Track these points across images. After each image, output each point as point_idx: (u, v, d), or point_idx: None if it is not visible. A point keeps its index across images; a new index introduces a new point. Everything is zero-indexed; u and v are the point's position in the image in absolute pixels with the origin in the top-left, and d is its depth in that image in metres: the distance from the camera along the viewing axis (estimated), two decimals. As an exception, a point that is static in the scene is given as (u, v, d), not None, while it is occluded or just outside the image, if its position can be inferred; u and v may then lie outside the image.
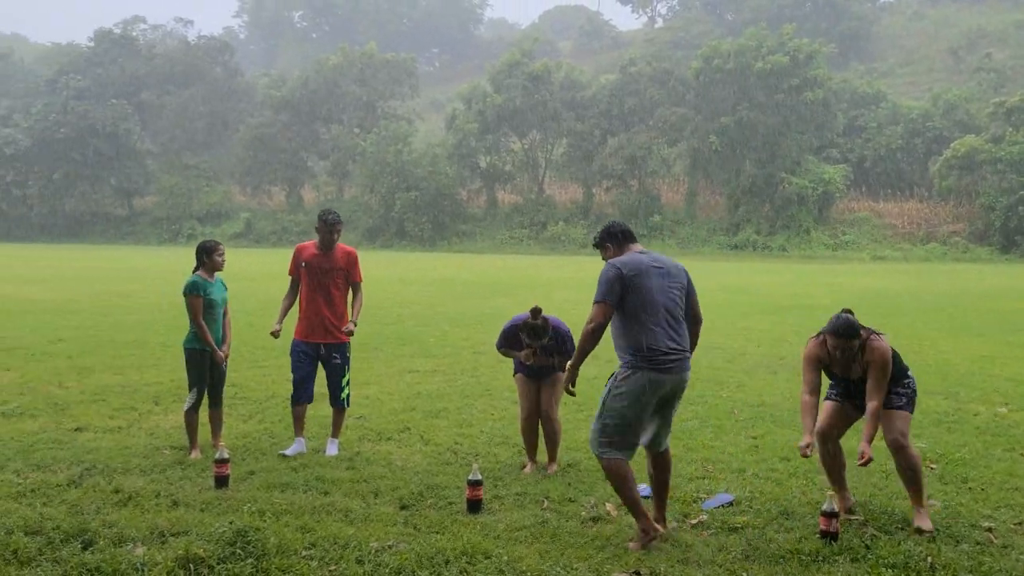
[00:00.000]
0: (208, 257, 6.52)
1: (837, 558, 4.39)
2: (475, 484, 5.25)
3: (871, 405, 4.96)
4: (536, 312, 5.94)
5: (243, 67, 71.09)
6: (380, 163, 52.74)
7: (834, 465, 5.29)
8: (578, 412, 7.98)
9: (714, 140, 47.54)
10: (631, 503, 4.67)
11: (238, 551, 4.23)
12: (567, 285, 22.48)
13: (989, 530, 4.85)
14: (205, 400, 6.59)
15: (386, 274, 28.87)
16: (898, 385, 5.13)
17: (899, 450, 4.99)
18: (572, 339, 6.05)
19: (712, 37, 61.52)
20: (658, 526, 4.74)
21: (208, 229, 54.95)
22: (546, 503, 5.34)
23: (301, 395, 6.63)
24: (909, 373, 5.28)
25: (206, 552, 4.18)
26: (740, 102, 47.79)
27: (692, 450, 6.73)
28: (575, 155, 52.79)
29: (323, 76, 60.85)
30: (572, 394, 4.92)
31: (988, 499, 5.45)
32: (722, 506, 5.33)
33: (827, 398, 5.39)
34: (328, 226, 6.58)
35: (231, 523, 4.56)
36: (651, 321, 4.66)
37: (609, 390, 4.71)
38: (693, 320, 4.99)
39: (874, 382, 4.97)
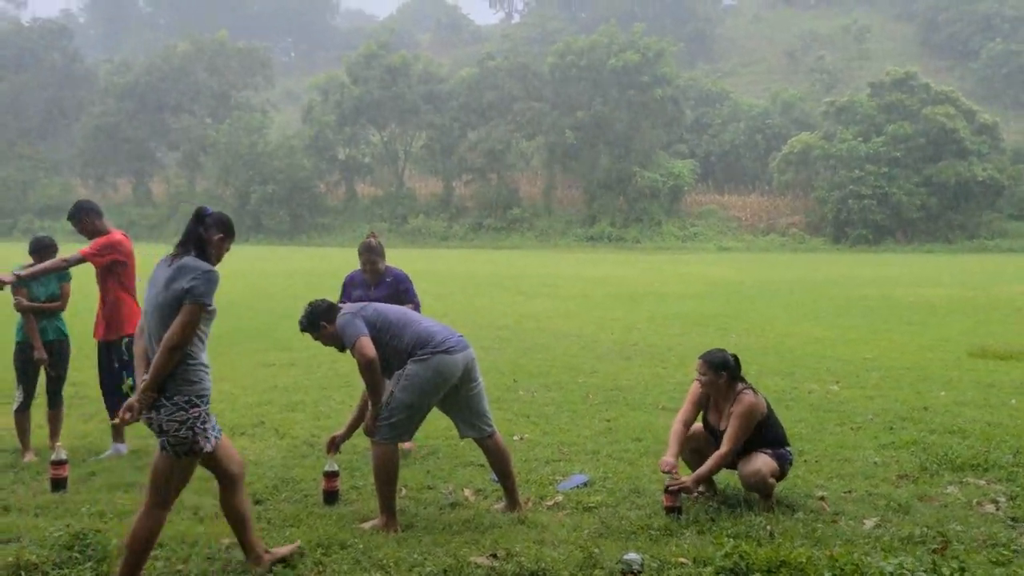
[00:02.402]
0: (37, 256, 6.11)
1: (684, 531, 4.57)
2: (331, 475, 5.18)
3: (719, 451, 4.98)
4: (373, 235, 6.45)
5: (83, 53, 67.08)
6: (234, 155, 51.05)
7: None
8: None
9: (570, 135, 48.54)
10: (391, 490, 4.68)
11: (76, 555, 4.01)
12: (426, 277, 22.40)
13: (822, 499, 5.16)
14: (44, 401, 6.21)
15: (242, 268, 28.00)
16: (771, 447, 5.07)
17: (753, 486, 4.97)
18: (411, 282, 6.48)
19: (567, 34, 62.72)
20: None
21: (47, 223, 51.58)
22: (404, 491, 5.32)
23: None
24: (788, 447, 5.19)
25: (39, 558, 3.95)
26: (594, 97, 48.96)
27: (548, 434, 6.86)
28: (435, 148, 52.72)
29: (171, 64, 58.28)
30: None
31: (821, 470, 5.80)
32: (577, 487, 5.45)
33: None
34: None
35: (68, 526, 4.33)
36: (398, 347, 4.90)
37: (397, 381, 4.78)
38: None
39: (731, 429, 4.98)
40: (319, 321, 4.84)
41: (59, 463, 5.33)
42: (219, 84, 58.58)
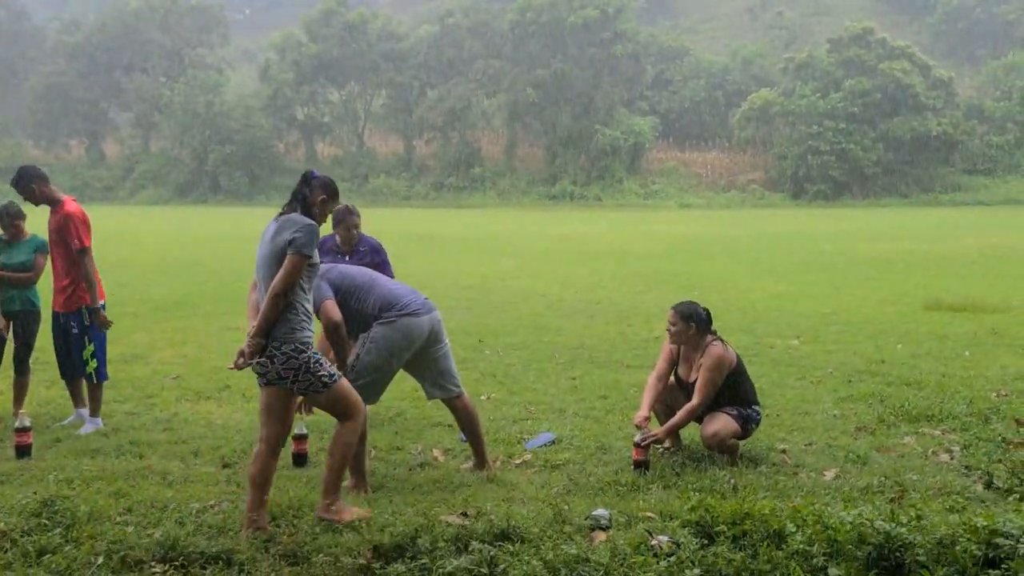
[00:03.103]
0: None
1: (651, 486, 4.66)
2: (300, 438, 5.18)
3: (689, 403, 5.06)
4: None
5: (30, 10, 65.00)
6: (190, 115, 50.07)
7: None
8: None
9: (531, 92, 48.23)
10: (359, 454, 4.70)
11: (44, 521, 3.99)
12: (388, 237, 22.32)
13: (783, 452, 5.28)
14: (9, 368, 6.12)
15: (201, 231, 27.63)
16: (739, 406, 5.13)
17: (713, 447, 5.07)
18: (386, 253, 6.25)
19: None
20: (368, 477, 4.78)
21: (-4, 186, 50.46)
22: (373, 452, 5.35)
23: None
24: (757, 406, 5.25)
25: (7, 525, 3.92)
26: (555, 55, 48.62)
27: (515, 393, 6.91)
28: (395, 107, 52.15)
29: (122, 22, 56.76)
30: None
31: (783, 424, 5.92)
32: (544, 445, 5.52)
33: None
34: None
35: (35, 493, 4.29)
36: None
37: (363, 344, 4.77)
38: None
39: (701, 381, 5.04)
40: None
41: (23, 430, 5.28)
42: (172, 42, 57.24)
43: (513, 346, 8.90)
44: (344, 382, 4.20)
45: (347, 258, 6.07)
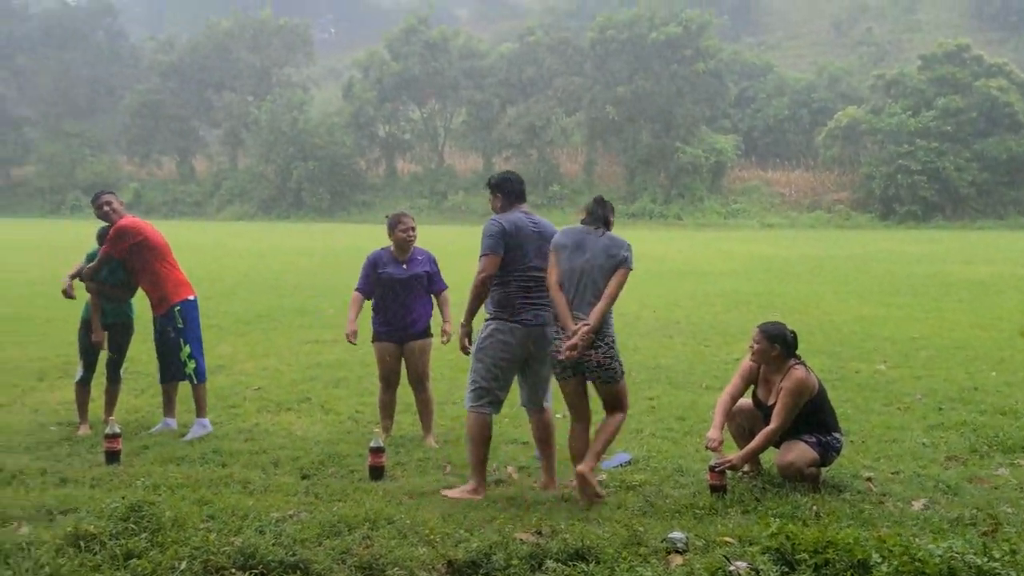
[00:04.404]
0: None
1: (729, 510, 4.56)
2: (377, 451, 5.24)
3: (767, 427, 4.95)
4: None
5: (128, 30, 67.83)
6: (275, 132, 51.37)
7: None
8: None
9: (611, 110, 48.09)
10: (478, 458, 4.95)
11: (131, 526, 4.10)
12: (467, 255, 22.50)
13: (869, 480, 5.11)
14: (102, 376, 6.37)
15: (283, 245, 28.30)
16: (819, 433, 5.00)
17: (790, 476, 4.94)
18: (438, 264, 6.42)
19: (608, 8, 62.00)
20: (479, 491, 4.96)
21: (93, 200, 52.62)
22: (449, 468, 5.37)
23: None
24: (838, 434, 5.12)
25: (97, 528, 4.05)
26: (636, 72, 48.40)
27: (592, 412, 6.84)
28: (474, 124, 52.57)
29: (214, 42, 58.69)
30: (467, 352, 5.06)
31: (868, 451, 5.74)
32: (621, 465, 5.46)
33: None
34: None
35: (123, 498, 4.42)
36: (518, 279, 4.93)
37: (479, 347, 4.94)
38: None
39: (780, 406, 4.93)
40: (497, 191, 5.28)
41: (113, 436, 5.46)
42: (261, 61, 58.92)
43: (589, 364, 8.83)
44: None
45: (404, 266, 6.15)
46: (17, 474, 5.12)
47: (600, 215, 4.96)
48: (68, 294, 6.17)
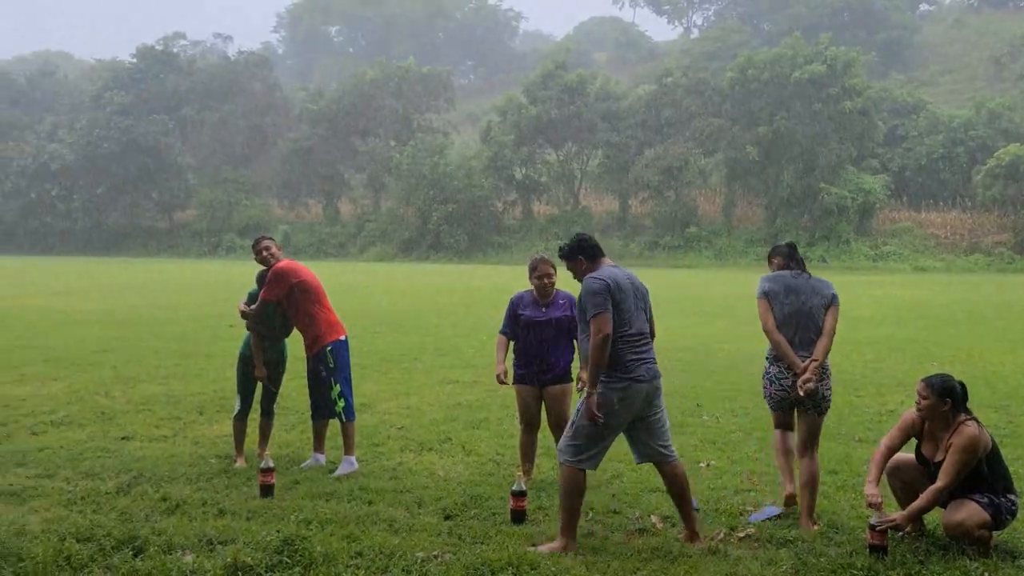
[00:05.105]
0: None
1: (890, 573, 4.30)
2: (519, 495, 5.22)
3: (934, 486, 4.66)
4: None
5: (281, 81, 71.86)
6: (416, 176, 53.01)
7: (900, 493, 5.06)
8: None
9: (751, 150, 47.16)
10: (571, 513, 4.77)
11: (285, 559, 4.25)
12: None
13: (1047, 546, 4.72)
14: (256, 411, 6.67)
15: (423, 285, 28.99)
16: (991, 493, 4.68)
17: (958, 537, 4.64)
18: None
19: (748, 48, 61.13)
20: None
21: (247, 242, 55.59)
22: (591, 515, 5.30)
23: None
24: (1013, 495, 4.75)
25: (254, 560, 4.21)
26: (777, 112, 47.39)
27: (736, 462, 6.65)
28: (611, 166, 52.64)
29: (360, 90, 61.35)
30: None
31: (1044, 514, 5.29)
32: (769, 519, 5.25)
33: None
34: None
35: (278, 531, 4.58)
36: (624, 334, 4.79)
37: (582, 402, 4.80)
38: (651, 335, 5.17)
39: (949, 463, 4.63)
40: (577, 255, 5.08)
41: (267, 471, 5.67)
42: (403, 108, 61.08)
43: (732, 412, 8.59)
44: None
45: (545, 310, 6.13)
46: (181, 503, 5.38)
47: (800, 260, 5.47)
48: (245, 315, 6.51)
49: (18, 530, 4.82)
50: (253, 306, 6.45)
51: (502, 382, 6.25)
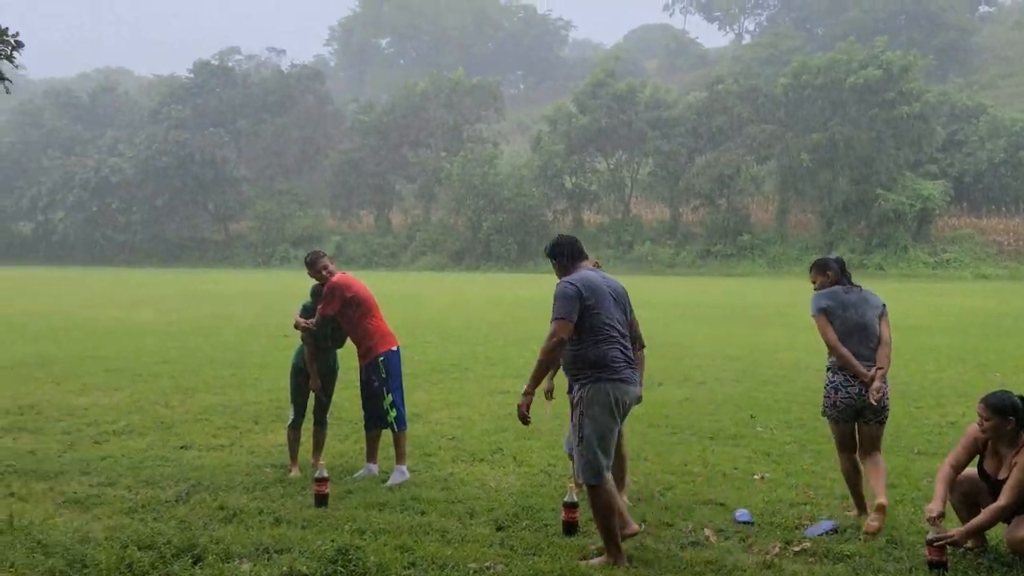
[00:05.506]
0: (316, 299, 6.72)
1: (951, 590, 4.21)
2: (571, 506, 5.22)
3: (996, 503, 4.57)
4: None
5: (333, 94, 72.91)
6: (466, 186, 53.30)
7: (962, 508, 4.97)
8: (671, 435, 7.89)
9: (805, 157, 46.51)
10: (610, 531, 4.68)
11: (340, 568, 4.30)
12: (654, 306, 22.25)
13: (1116, 564, 4.57)
14: (310, 420, 6.77)
15: (473, 295, 29.10)
16: None
17: (1021, 553, 4.54)
18: None
19: (801, 53, 60.35)
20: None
21: (300, 253, 56.39)
22: (643, 527, 5.26)
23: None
24: None
25: (309, 569, 4.27)
26: (832, 118, 46.70)
27: (791, 475, 6.55)
28: (661, 174, 52.35)
29: (411, 101, 61.96)
30: (526, 422, 4.87)
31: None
32: (825, 533, 5.17)
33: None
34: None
35: (332, 541, 4.64)
36: (608, 336, 4.79)
37: (582, 413, 4.75)
38: (635, 342, 5.22)
39: (1013, 480, 4.54)
40: (554, 256, 5.12)
41: (321, 480, 5.75)
42: (454, 119, 61.51)
43: (787, 423, 8.47)
44: None
45: None
46: (238, 512, 5.48)
47: (849, 274, 5.77)
48: (302, 327, 6.60)
49: (82, 537, 4.95)
50: (312, 320, 6.55)
51: (549, 399, 6.35)
